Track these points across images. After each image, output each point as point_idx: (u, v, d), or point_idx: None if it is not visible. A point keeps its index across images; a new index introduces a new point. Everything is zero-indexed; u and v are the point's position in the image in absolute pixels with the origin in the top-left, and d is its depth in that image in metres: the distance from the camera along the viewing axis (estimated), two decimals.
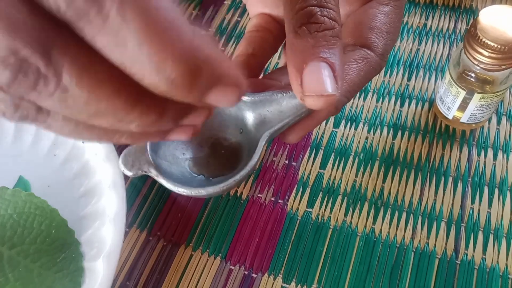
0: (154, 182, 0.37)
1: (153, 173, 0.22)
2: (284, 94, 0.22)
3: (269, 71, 0.25)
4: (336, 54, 0.18)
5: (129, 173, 0.22)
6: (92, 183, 0.36)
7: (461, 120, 0.35)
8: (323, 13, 0.18)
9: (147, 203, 0.36)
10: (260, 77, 0.24)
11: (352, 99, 0.39)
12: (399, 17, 0.22)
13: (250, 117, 0.24)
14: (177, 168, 0.24)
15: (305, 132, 0.22)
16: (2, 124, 0.40)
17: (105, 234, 0.32)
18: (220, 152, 0.26)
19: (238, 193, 0.36)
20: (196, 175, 0.25)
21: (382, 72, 0.41)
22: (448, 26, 0.43)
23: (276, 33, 0.25)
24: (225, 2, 0.48)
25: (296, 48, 0.18)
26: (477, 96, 0.32)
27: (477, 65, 0.30)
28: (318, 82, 0.17)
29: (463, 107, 0.34)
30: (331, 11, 0.18)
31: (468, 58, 0.30)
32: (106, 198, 0.34)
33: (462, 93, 0.32)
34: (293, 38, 0.18)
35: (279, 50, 0.27)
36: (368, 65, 0.21)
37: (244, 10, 0.47)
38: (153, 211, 0.36)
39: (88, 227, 0.34)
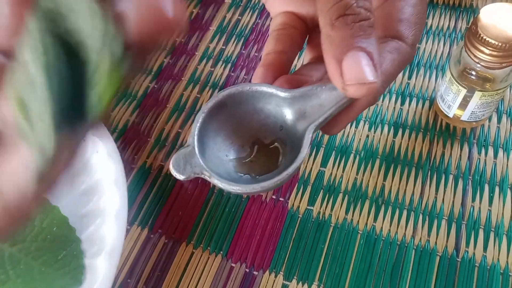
0: (155, 180, 0.37)
1: (206, 175, 0.22)
2: (323, 87, 0.22)
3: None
4: (373, 43, 0.18)
5: (181, 177, 0.22)
6: (93, 180, 0.36)
7: (461, 118, 0.35)
8: (359, 4, 0.18)
9: (148, 200, 0.36)
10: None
11: None
12: (424, 8, 0.23)
13: (289, 113, 0.24)
14: (223, 169, 0.24)
15: (346, 123, 0.23)
16: None
17: (106, 231, 0.32)
18: (262, 151, 0.26)
19: None
20: (241, 175, 0.25)
21: None
22: (449, 25, 0.43)
23: (301, 30, 0.25)
24: (225, 1, 0.48)
25: (334, 40, 0.18)
26: (477, 94, 0.32)
27: (478, 63, 0.30)
28: (359, 70, 0.18)
29: (463, 105, 0.34)
30: (366, 2, 0.19)
31: (469, 55, 0.30)
32: (107, 195, 0.34)
33: (463, 91, 0.33)
34: (330, 30, 0.18)
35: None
36: (401, 55, 0.21)
37: (245, 9, 0.47)
38: (154, 209, 0.36)
39: (89, 225, 0.34)
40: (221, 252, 0.33)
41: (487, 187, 0.33)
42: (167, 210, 0.36)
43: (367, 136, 0.37)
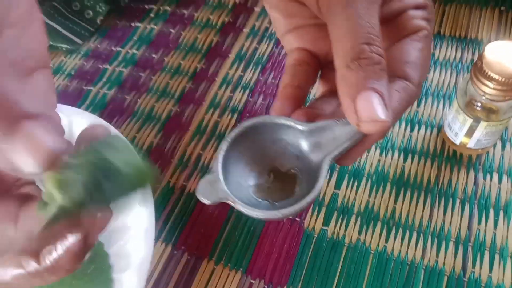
0: (178, 199, 0.40)
1: (230, 200, 0.24)
2: (338, 122, 0.25)
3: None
4: (384, 85, 0.20)
5: (207, 202, 0.24)
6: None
7: (468, 146, 0.37)
8: (372, 50, 0.20)
9: (172, 218, 0.39)
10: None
11: None
12: (429, 52, 0.25)
13: (306, 144, 0.26)
14: (243, 194, 0.26)
15: (358, 156, 0.25)
16: None
17: (134, 247, 0.34)
18: (279, 178, 0.28)
19: None
20: (260, 200, 0.27)
21: None
22: (455, 56, 0.45)
23: (314, 66, 0.28)
24: (244, 30, 0.51)
25: (348, 80, 0.21)
26: (483, 124, 0.34)
27: (483, 96, 0.33)
28: (371, 109, 0.20)
29: (470, 133, 0.36)
30: (379, 49, 0.21)
31: (475, 89, 0.33)
32: (135, 212, 0.36)
33: (469, 121, 0.35)
34: (346, 71, 0.21)
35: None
36: (408, 94, 0.23)
37: (262, 38, 0.50)
38: (178, 226, 0.38)
39: (117, 240, 0.36)
40: (241, 268, 0.36)
41: (492, 211, 0.36)
42: (190, 228, 0.38)
43: (379, 160, 0.39)
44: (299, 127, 0.26)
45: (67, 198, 0.19)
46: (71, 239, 0.21)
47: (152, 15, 0.56)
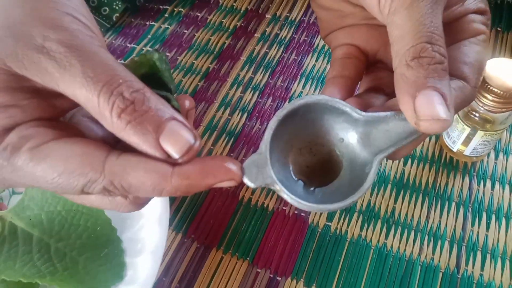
0: None
1: (277, 188, 0.23)
2: (396, 116, 0.23)
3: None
4: (446, 85, 0.20)
5: (252, 185, 0.23)
6: None
7: (464, 153, 0.40)
8: (434, 49, 0.20)
9: (182, 209, 0.40)
10: None
11: None
12: (486, 56, 0.25)
13: (357, 133, 0.25)
14: (282, 173, 0.25)
15: (409, 152, 0.25)
16: None
17: (148, 233, 0.36)
18: (320, 159, 0.27)
19: (265, 205, 0.40)
20: (296, 179, 0.26)
21: None
22: None
23: (363, 61, 0.28)
24: (255, 35, 0.54)
25: (408, 78, 0.20)
26: (479, 133, 0.37)
27: (482, 107, 0.35)
28: (432, 108, 0.20)
29: (467, 142, 0.39)
30: (441, 48, 0.20)
31: (475, 100, 0.36)
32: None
33: (467, 130, 0.38)
34: (406, 69, 0.20)
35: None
36: (464, 94, 0.23)
37: (272, 43, 0.53)
38: (188, 216, 0.40)
39: (132, 226, 0.38)
40: (248, 258, 0.37)
41: (485, 215, 0.38)
42: (200, 218, 0.40)
43: (380, 163, 0.42)
44: (355, 114, 0.24)
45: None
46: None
47: (166, 15, 0.58)
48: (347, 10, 0.28)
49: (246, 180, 0.23)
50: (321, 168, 0.27)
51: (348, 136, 0.25)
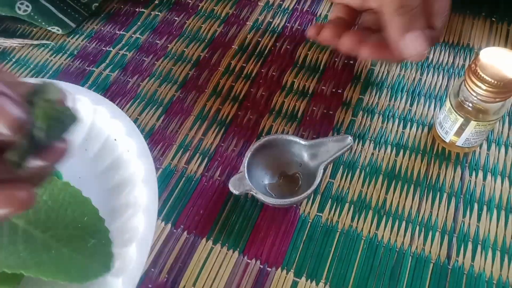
0: (179, 180, 0.41)
1: (253, 192, 0.36)
2: (331, 139, 0.37)
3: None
4: (421, 25, 0.33)
5: (236, 192, 0.36)
6: (124, 176, 0.39)
7: (456, 144, 0.40)
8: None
9: (172, 198, 0.40)
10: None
11: (361, 119, 0.44)
12: (447, 2, 0.36)
13: (306, 155, 0.38)
14: (260, 189, 0.37)
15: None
16: None
17: (136, 223, 0.35)
18: (286, 179, 0.39)
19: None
20: (272, 195, 0.38)
21: (388, 96, 0.45)
22: (448, 61, 0.48)
23: (353, 15, 0.39)
24: (247, 23, 0.53)
25: (398, 22, 0.33)
26: (472, 124, 0.37)
27: (475, 96, 0.35)
28: (417, 44, 0.33)
29: (459, 132, 0.38)
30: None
31: (468, 90, 0.35)
32: (138, 190, 0.37)
33: (460, 120, 0.37)
34: (396, 15, 0.33)
35: None
36: (432, 38, 0.35)
37: (264, 32, 0.52)
38: (177, 206, 0.39)
39: (120, 216, 0.37)
40: (238, 249, 0.37)
41: (476, 206, 0.38)
42: (189, 208, 0.39)
43: (372, 154, 0.41)
44: (302, 142, 0.38)
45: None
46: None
47: (156, 1, 0.57)
48: None
49: (232, 189, 0.36)
50: (288, 186, 0.39)
51: (303, 159, 0.39)
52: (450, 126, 0.39)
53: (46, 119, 0.22)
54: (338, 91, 0.46)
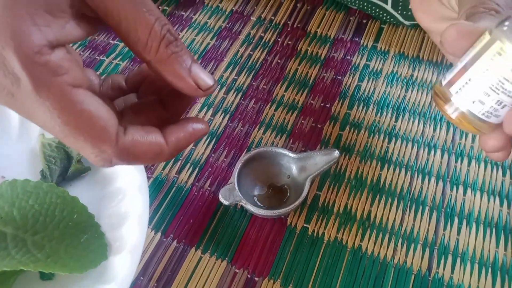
0: (169, 190, 0.42)
1: (243, 202, 0.37)
2: (318, 153, 0.39)
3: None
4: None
5: (226, 203, 0.37)
6: (114, 186, 0.39)
7: (450, 89, 0.40)
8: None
9: (162, 208, 0.41)
10: None
11: (348, 133, 0.45)
12: None
13: (295, 167, 0.40)
14: (250, 200, 0.38)
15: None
16: (28, 126, 0.43)
17: (127, 232, 0.36)
18: (275, 190, 0.40)
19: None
20: (261, 206, 0.39)
21: (374, 112, 0.47)
22: (431, 79, 0.50)
23: None
24: (239, 37, 0.54)
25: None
26: (497, 45, 0.36)
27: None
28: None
29: (467, 66, 0.38)
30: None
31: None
32: (130, 199, 0.37)
33: (486, 38, 0.37)
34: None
35: None
36: None
37: (256, 46, 0.53)
38: (167, 216, 0.40)
39: (110, 225, 0.37)
40: (226, 258, 0.38)
41: (457, 219, 0.39)
42: (179, 218, 0.40)
43: (358, 167, 0.43)
44: (291, 155, 0.39)
45: None
46: None
47: None
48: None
49: (222, 200, 0.37)
50: (276, 198, 0.40)
51: (292, 171, 0.40)
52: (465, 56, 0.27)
53: None
54: (327, 105, 0.48)
